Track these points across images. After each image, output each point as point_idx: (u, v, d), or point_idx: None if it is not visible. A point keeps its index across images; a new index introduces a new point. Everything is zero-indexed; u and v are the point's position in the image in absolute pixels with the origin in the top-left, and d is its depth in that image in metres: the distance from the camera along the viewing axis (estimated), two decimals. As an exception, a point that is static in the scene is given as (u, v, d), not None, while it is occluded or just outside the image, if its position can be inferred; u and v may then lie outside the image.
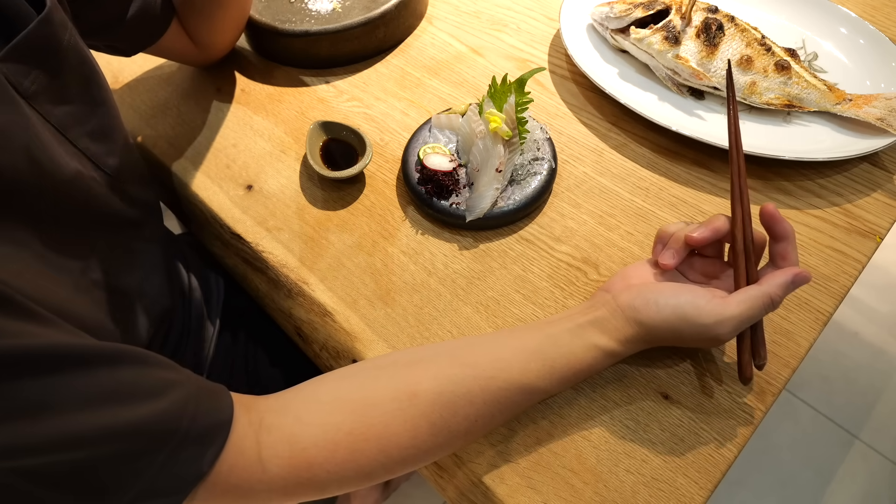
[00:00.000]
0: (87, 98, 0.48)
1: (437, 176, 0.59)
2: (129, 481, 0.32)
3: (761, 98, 0.67)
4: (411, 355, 0.45)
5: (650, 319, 0.44)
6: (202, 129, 0.69)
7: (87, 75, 0.48)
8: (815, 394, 1.35)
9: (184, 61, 0.74)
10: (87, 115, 0.48)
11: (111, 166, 0.50)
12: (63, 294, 0.40)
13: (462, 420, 0.41)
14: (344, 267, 0.57)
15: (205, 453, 0.35)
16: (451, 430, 0.41)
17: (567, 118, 0.70)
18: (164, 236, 0.62)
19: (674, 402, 0.49)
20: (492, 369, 0.42)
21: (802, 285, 0.45)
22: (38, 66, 0.42)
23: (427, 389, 0.41)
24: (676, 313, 0.43)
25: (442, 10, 0.83)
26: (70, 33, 0.45)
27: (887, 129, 0.62)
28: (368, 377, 0.43)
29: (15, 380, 0.28)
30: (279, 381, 0.65)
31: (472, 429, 0.42)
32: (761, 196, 0.62)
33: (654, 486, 0.45)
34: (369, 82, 0.74)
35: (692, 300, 0.44)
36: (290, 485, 0.38)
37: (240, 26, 0.71)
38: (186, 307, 0.63)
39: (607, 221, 0.60)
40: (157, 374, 0.36)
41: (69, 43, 0.45)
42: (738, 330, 0.44)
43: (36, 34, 0.41)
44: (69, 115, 0.46)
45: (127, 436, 0.32)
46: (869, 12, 0.81)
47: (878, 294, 1.50)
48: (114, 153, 0.51)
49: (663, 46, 0.68)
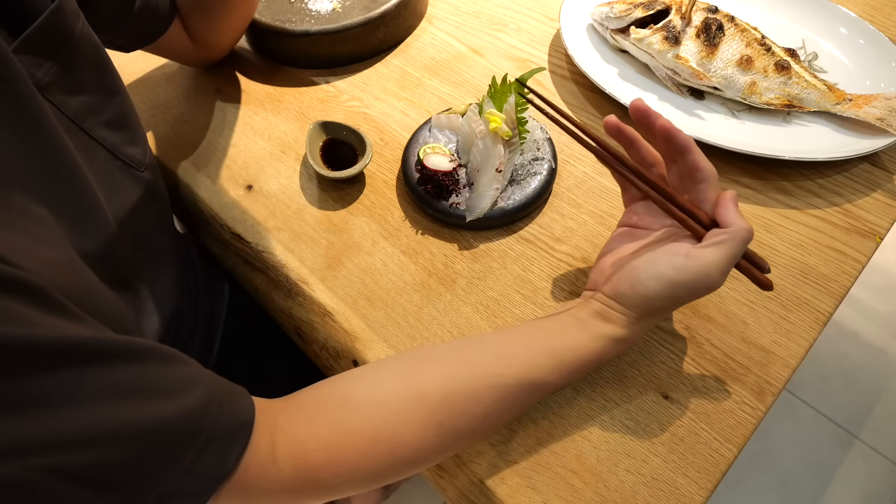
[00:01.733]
0: (101, 87, 0.48)
1: (437, 176, 0.59)
2: (154, 479, 0.32)
3: (761, 98, 0.67)
4: (418, 356, 0.45)
5: (641, 297, 0.43)
6: (202, 129, 0.69)
7: (101, 64, 0.48)
8: (815, 394, 1.35)
9: (181, 60, 0.74)
10: (103, 104, 0.48)
11: (129, 155, 0.50)
12: (87, 288, 0.40)
13: (470, 420, 0.41)
14: (344, 267, 0.57)
15: (230, 453, 0.35)
16: (458, 430, 0.41)
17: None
18: (175, 233, 0.62)
19: (674, 402, 0.49)
20: (499, 366, 0.42)
21: None
22: (51, 56, 0.41)
23: (435, 389, 0.41)
24: (662, 282, 0.43)
25: (442, 10, 0.83)
26: (82, 23, 0.45)
27: (887, 129, 0.62)
28: (376, 378, 0.43)
29: (43, 371, 0.28)
30: (283, 381, 0.65)
31: (480, 428, 0.42)
32: (761, 196, 0.62)
33: (654, 486, 0.45)
34: (369, 82, 0.74)
35: (670, 262, 0.43)
36: (302, 485, 0.38)
37: (242, 28, 0.70)
38: (193, 306, 0.63)
39: (607, 221, 0.60)
40: (183, 371, 0.36)
41: (82, 32, 0.45)
42: (728, 271, 0.43)
43: (48, 24, 0.41)
44: (84, 105, 0.46)
45: (153, 433, 0.32)
46: (869, 12, 0.81)
47: (878, 294, 1.50)
48: (131, 142, 0.51)
49: (663, 46, 0.68)
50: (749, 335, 0.52)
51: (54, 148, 0.40)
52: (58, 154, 0.40)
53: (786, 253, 0.58)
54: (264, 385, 0.65)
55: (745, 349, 0.51)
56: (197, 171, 0.66)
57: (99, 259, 0.43)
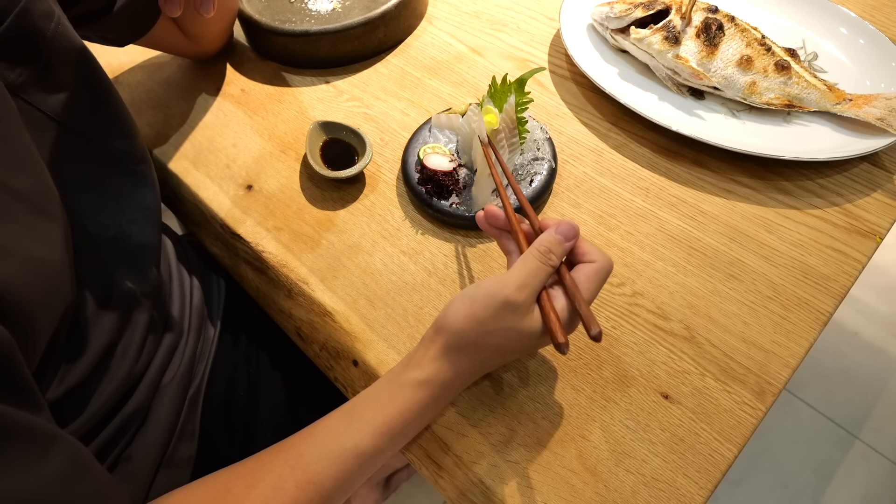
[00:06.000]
0: (84, 84, 0.48)
1: (437, 176, 0.59)
2: None
3: (761, 98, 0.67)
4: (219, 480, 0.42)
5: (446, 319, 0.42)
6: (202, 129, 0.69)
7: (81, 62, 0.48)
8: (815, 394, 1.35)
9: (179, 53, 0.74)
10: (87, 100, 0.48)
11: (118, 149, 0.50)
12: (54, 284, 0.40)
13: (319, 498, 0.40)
14: (344, 267, 0.57)
15: None
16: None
17: (567, 118, 0.70)
18: (164, 226, 0.62)
19: (674, 402, 0.49)
20: (301, 445, 0.41)
21: (571, 234, 0.43)
22: (22, 59, 0.41)
23: None
24: (463, 299, 0.42)
25: (442, 10, 0.83)
26: (57, 22, 0.45)
27: (887, 129, 0.62)
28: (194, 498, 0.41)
29: None
30: (280, 382, 0.65)
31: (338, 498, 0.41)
32: (761, 196, 0.62)
33: (654, 486, 0.45)
34: (369, 82, 0.74)
35: (476, 283, 0.42)
36: None
37: (229, 16, 0.70)
38: (185, 307, 0.63)
39: (607, 221, 0.60)
40: (84, 487, 0.34)
41: (56, 32, 0.44)
42: (530, 291, 0.41)
43: (14, 29, 0.40)
44: (66, 101, 0.45)
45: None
46: (869, 12, 0.81)
47: (878, 294, 1.50)
48: (120, 136, 0.51)
49: (663, 46, 0.68)
50: (749, 335, 0.52)
51: (16, 144, 0.39)
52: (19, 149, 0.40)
53: (786, 253, 0.58)
54: (264, 385, 0.65)
55: (745, 349, 0.51)
56: (197, 171, 0.66)
57: (65, 256, 0.42)
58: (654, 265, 0.57)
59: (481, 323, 0.41)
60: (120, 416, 0.52)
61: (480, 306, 0.41)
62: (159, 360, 0.56)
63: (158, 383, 0.57)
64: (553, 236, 0.43)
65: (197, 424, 0.61)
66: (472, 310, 0.41)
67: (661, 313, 0.54)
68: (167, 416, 0.57)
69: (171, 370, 0.58)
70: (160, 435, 0.56)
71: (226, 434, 0.62)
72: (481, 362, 0.43)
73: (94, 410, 0.49)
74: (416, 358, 0.43)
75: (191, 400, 0.60)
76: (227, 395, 0.63)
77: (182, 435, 0.59)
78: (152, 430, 0.56)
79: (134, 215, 0.53)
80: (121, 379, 0.51)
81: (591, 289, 0.42)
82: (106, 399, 0.50)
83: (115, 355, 0.51)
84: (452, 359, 0.42)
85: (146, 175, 0.55)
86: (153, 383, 0.56)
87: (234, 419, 0.62)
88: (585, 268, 0.43)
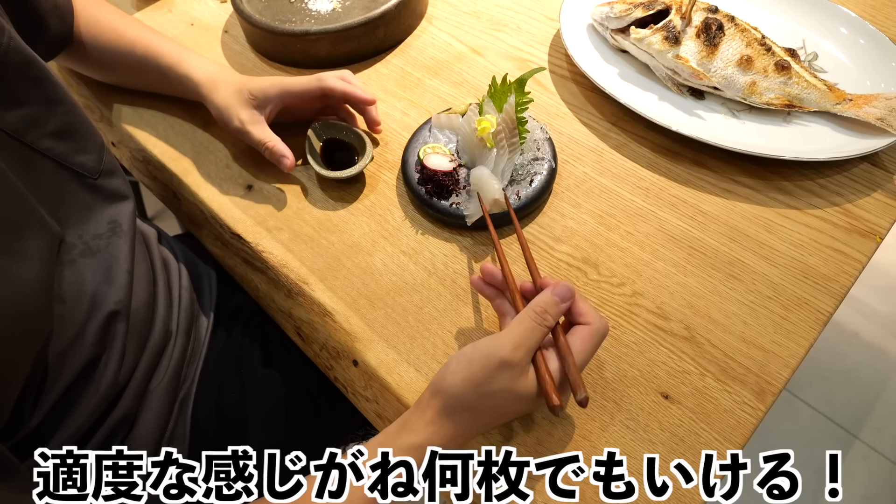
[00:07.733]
0: (42, 99, 0.47)
1: (437, 176, 0.59)
2: None
3: (761, 98, 0.67)
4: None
5: (443, 379, 0.42)
6: (202, 129, 0.69)
7: (37, 77, 0.47)
8: (815, 394, 1.35)
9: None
10: (46, 115, 0.47)
11: (79, 164, 0.50)
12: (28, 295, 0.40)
13: None
14: (344, 267, 0.57)
15: None
16: None
17: (567, 118, 0.70)
18: (142, 233, 0.61)
19: (674, 402, 0.49)
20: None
21: (567, 296, 0.44)
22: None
23: None
24: (459, 359, 0.42)
25: (442, 10, 0.83)
26: (8, 37, 0.45)
27: (887, 129, 0.62)
28: None
29: None
30: (272, 382, 0.65)
31: None
32: (761, 196, 0.62)
33: (654, 486, 0.45)
34: (369, 82, 0.74)
35: (473, 344, 0.43)
36: None
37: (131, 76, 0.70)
38: (172, 310, 0.62)
39: (607, 221, 0.60)
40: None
41: (9, 47, 0.44)
42: (522, 347, 0.42)
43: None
44: (24, 118, 0.45)
45: None
46: (869, 12, 0.81)
47: (878, 294, 1.50)
48: (81, 150, 0.50)
49: (663, 46, 0.68)
50: (749, 335, 0.52)
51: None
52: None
53: (786, 253, 0.58)
54: (257, 385, 0.65)
55: (745, 349, 0.51)
56: (197, 171, 0.66)
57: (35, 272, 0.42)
58: (654, 265, 0.57)
59: (478, 385, 0.41)
60: (107, 425, 0.52)
61: (478, 367, 0.41)
62: (144, 366, 0.56)
63: (145, 389, 0.56)
64: (549, 297, 0.44)
65: (188, 427, 0.60)
66: (471, 372, 0.42)
67: (661, 313, 0.54)
68: (156, 420, 0.57)
69: (158, 375, 0.58)
70: (149, 440, 0.56)
71: (217, 435, 0.61)
72: (476, 426, 0.44)
73: (78, 424, 0.49)
74: (410, 421, 0.43)
75: (181, 402, 0.60)
76: (218, 396, 0.62)
77: (172, 438, 0.59)
78: (141, 435, 0.55)
79: (99, 230, 0.52)
80: (104, 390, 0.51)
81: (585, 351, 0.43)
82: (92, 411, 0.50)
83: (96, 368, 0.50)
84: (447, 423, 0.42)
85: (114, 188, 0.55)
86: (139, 389, 0.55)
87: (226, 420, 0.62)
88: (581, 330, 0.44)
